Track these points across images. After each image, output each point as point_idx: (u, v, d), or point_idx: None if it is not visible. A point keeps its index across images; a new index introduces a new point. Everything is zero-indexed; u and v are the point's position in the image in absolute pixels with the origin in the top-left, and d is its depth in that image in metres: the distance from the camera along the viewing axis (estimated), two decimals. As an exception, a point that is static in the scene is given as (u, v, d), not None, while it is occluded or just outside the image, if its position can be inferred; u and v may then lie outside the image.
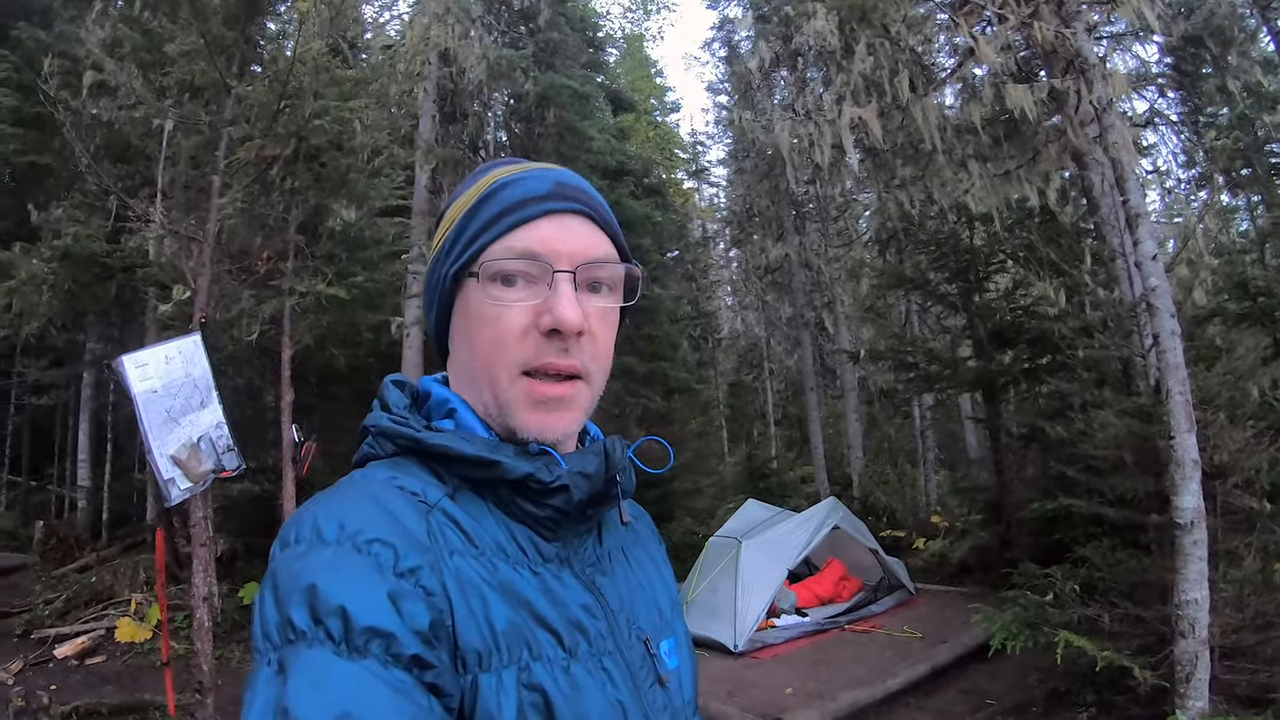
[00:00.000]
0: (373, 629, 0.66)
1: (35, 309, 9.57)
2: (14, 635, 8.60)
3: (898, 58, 7.51)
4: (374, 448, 0.88)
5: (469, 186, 0.92)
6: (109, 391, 13.60)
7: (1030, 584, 6.55)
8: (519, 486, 0.82)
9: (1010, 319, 10.04)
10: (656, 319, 15.74)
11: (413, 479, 0.81)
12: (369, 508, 0.75)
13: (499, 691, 0.72)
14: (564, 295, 0.84)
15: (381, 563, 0.70)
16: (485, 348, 0.85)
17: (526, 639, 0.76)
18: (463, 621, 0.73)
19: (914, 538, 12.13)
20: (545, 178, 0.89)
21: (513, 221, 0.85)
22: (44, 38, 10.58)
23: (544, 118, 14.39)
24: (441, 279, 0.89)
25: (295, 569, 0.70)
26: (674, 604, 1.02)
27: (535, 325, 0.84)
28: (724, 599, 8.47)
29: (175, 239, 8.51)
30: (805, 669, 7.65)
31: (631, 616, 0.90)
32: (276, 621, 0.68)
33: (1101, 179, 6.39)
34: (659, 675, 0.89)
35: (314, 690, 0.63)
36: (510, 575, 0.79)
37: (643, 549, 1.03)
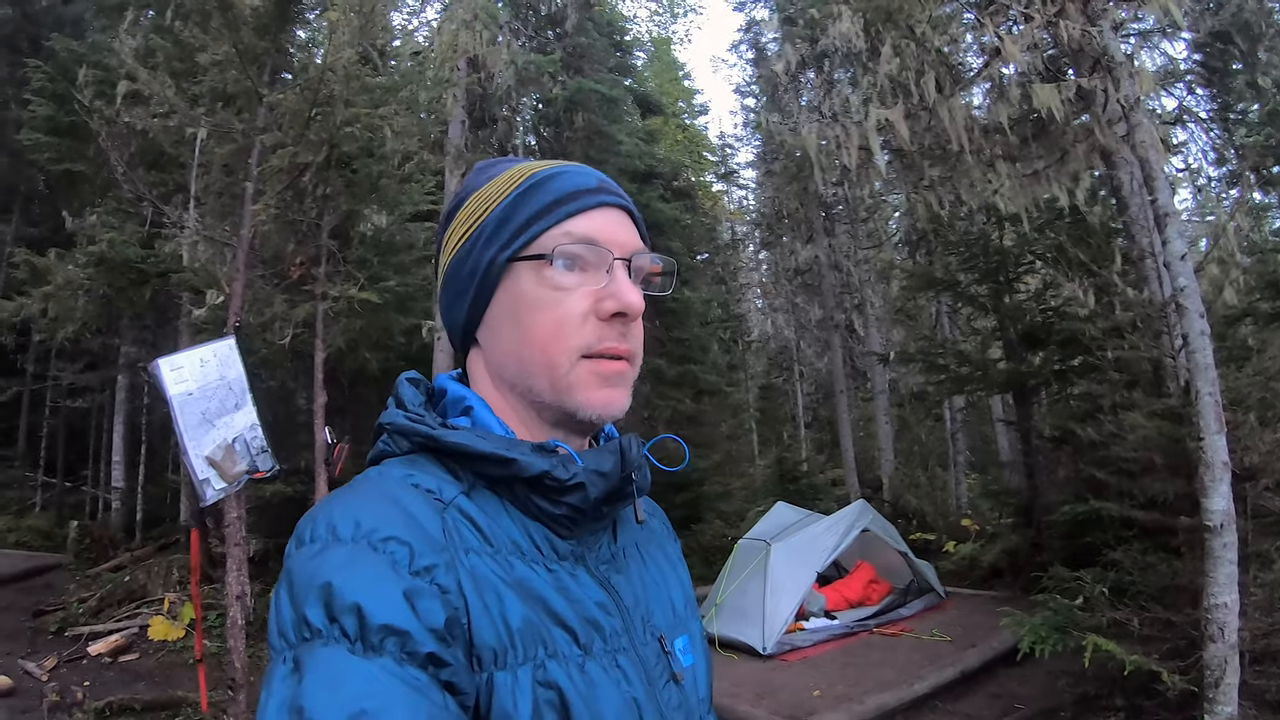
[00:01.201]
0: (388, 627, 0.66)
1: (71, 314, 9.76)
2: (48, 633, 8.78)
3: (924, 59, 7.49)
4: (389, 445, 0.88)
5: (491, 178, 0.93)
6: (143, 394, 13.83)
7: (1060, 588, 6.48)
8: (535, 484, 0.82)
9: (1041, 320, 9.93)
10: (686, 322, 15.77)
11: (428, 476, 0.81)
12: (384, 506, 0.75)
13: (514, 689, 0.72)
14: (626, 281, 0.86)
15: (397, 561, 0.70)
16: (544, 332, 0.85)
17: (542, 636, 0.76)
18: (478, 619, 0.73)
19: (944, 541, 12.03)
20: (589, 173, 0.91)
21: (570, 210, 0.87)
22: (77, 48, 10.80)
23: (573, 122, 14.49)
24: (485, 264, 0.88)
25: (310, 567, 0.70)
26: (689, 601, 1.02)
27: (594, 310, 0.85)
28: (753, 601, 8.45)
29: (209, 244, 8.68)
30: (833, 672, 7.61)
31: (646, 614, 0.90)
32: (292, 620, 0.69)
33: (1130, 178, 6.32)
34: (674, 673, 0.89)
35: (329, 688, 0.63)
36: (526, 573, 0.79)
37: (658, 546, 1.03)
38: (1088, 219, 7.44)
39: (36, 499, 15.15)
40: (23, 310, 9.80)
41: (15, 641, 8.50)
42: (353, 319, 9.11)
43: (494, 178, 0.92)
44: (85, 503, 14.90)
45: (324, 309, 8.71)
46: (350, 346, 9.59)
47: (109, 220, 10.49)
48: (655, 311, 15.49)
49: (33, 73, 11.22)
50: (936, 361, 11.72)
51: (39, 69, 11.05)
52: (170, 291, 10.82)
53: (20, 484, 15.22)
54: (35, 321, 10.03)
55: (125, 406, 13.72)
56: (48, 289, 9.57)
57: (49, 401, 14.94)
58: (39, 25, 14.54)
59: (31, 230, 14.79)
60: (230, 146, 8.52)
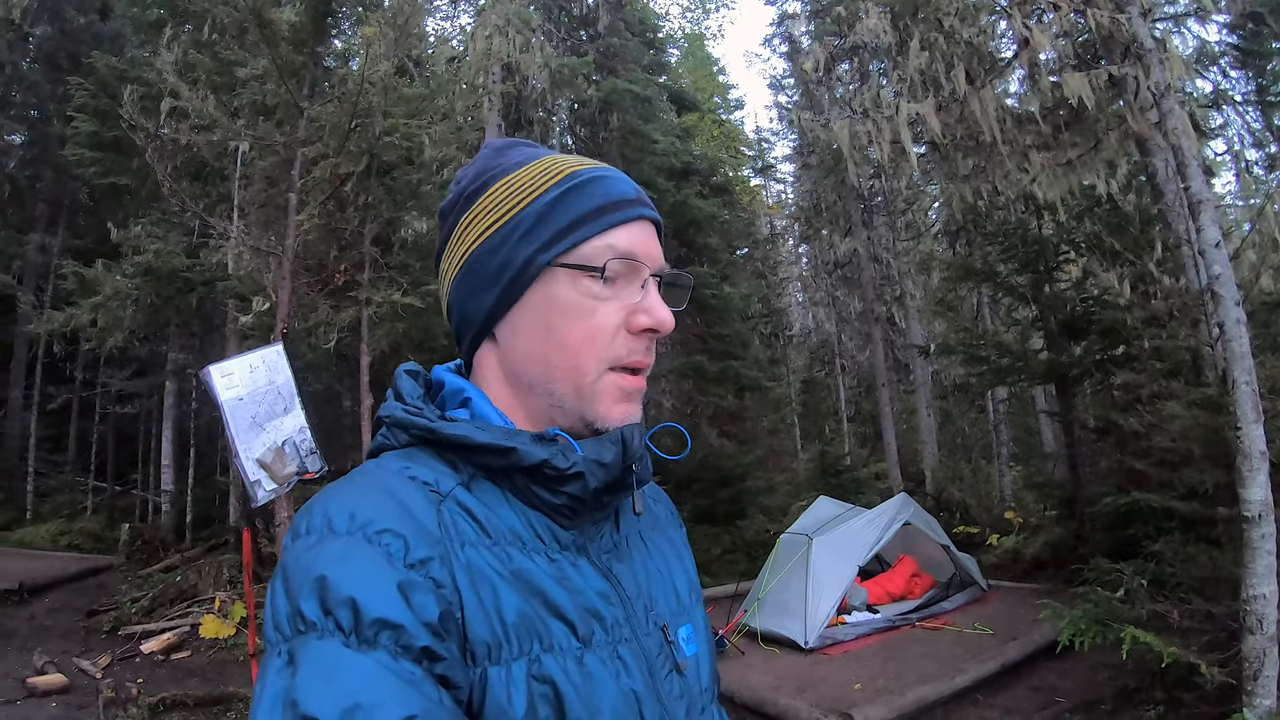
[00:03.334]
0: (383, 620, 0.66)
1: (120, 323, 10.03)
2: (102, 632, 8.97)
3: (953, 51, 7.46)
4: (388, 438, 0.87)
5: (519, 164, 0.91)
6: (191, 399, 14.19)
7: (1101, 580, 6.42)
8: (534, 473, 0.81)
9: (1081, 309, 9.79)
10: (726, 317, 15.75)
11: (426, 469, 0.81)
12: (380, 498, 0.75)
13: (509, 684, 0.72)
14: (657, 297, 0.87)
15: (392, 553, 0.70)
16: (577, 340, 0.85)
17: (537, 630, 0.76)
18: (472, 614, 0.73)
19: (987, 534, 11.91)
20: (627, 181, 0.91)
21: (614, 220, 0.86)
22: (116, 64, 11.08)
23: (608, 122, 14.55)
24: (521, 263, 0.86)
25: (306, 560, 0.70)
26: (693, 590, 1.01)
27: (625, 324, 0.85)
28: (795, 596, 8.43)
29: (254, 253, 8.90)
30: (875, 665, 7.58)
31: (649, 603, 0.90)
32: (287, 612, 0.68)
33: (1165, 165, 6.24)
34: (676, 662, 0.89)
35: (324, 681, 0.64)
36: (525, 564, 0.79)
37: (662, 534, 1.03)
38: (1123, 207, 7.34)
39: (87, 503, 15.64)
40: (72, 320, 10.07)
41: (69, 640, 8.73)
42: (396, 323, 9.27)
43: (522, 165, 0.91)
44: (135, 506, 15.32)
45: (368, 314, 8.87)
46: (394, 349, 9.76)
47: (153, 231, 10.76)
48: (696, 308, 15.53)
49: (75, 90, 11.53)
50: (977, 353, 11.61)
51: (81, 86, 11.35)
52: (216, 299, 11.09)
53: (71, 489, 15.75)
54: (84, 331, 10.27)
55: (173, 411, 14.06)
56: (97, 299, 9.85)
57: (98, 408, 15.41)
58: (78, 42, 14.96)
59: (77, 242, 15.32)
60: (273, 159, 8.74)
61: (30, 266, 15.48)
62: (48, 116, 15.33)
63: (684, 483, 14.39)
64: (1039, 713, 6.43)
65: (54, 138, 14.56)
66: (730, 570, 11.92)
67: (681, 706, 0.87)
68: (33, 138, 15.75)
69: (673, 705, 0.85)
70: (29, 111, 15.91)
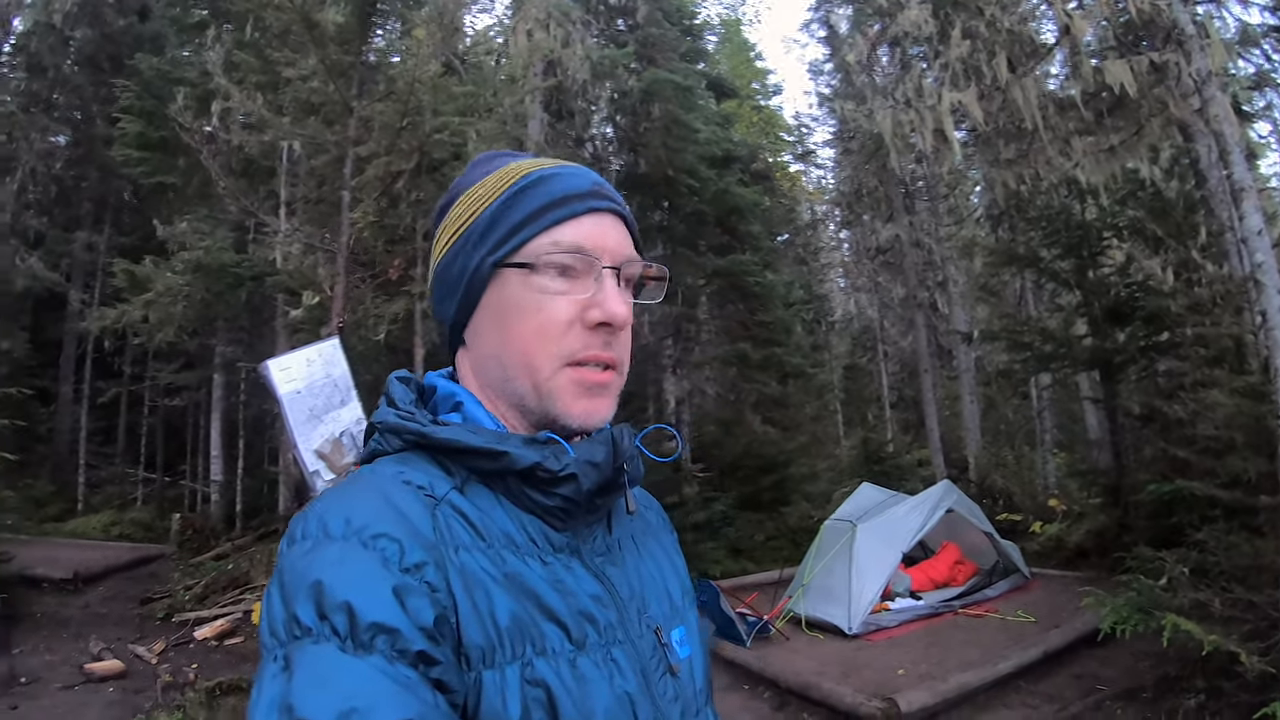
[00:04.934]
0: (378, 625, 0.67)
1: (171, 318, 10.18)
2: (156, 619, 9.20)
3: (994, 39, 7.43)
4: (381, 443, 0.88)
5: (481, 176, 0.93)
6: (239, 392, 14.42)
7: (1144, 568, 6.41)
8: (527, 476, 0.82)
9: (1125, 295, 9.66)
10: (769, 304, 15.69)
11: (420, 473, 0.81)
12: (375, 503, 0.75)
13: (503, 687, 0.73)
14: (613, 291, 0.87)
15: (387, 558, 0.71)
16: (527, 338, 0.86)
17: (531, 633, 0.76)
18: (466, 618, 0.73)
19: (1031, 521, 11.83)
20: (584, 175, 0.91)
21: (559, 216, 0.87)
22: (160, 65, 11.29)
23: (649, 112, 14.55)
24: (473, 268, 0.88)
25: (301, 565, 0.71)
26: (685, 592, 1.02)
27: (580, 319, 0.86)
28: (839, 582, 8.49)
29: (305, 249, 9.10)
30: (918, 651, 7.61)
31: (642, 606, 0.90)
32: (283, 618, 0.69)
33: (1208, 150, 6.20)
34: (670, 665, 0.89)
35: (319, 686, 0.64)
36: (518, 567, 0.79)
37: (654, 538, 1.03)
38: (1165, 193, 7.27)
39: (137, 494, 16.02)
40: (124, 317, 10.25)
41: (124, 627, 8.96)
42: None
43: (486, 176, 0.92)
44: (184, 496, 15.67)
45: (422, 307, 8.99)
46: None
47: (199, 228, 10.95)
48: (739, 296, 15.55)
49: (120, 92, 11.77)
50: (1020, 339, 11.52)
51: (126, 88, 11.60)
52: (264, 294, 11.30)
53: (121, 480, 16.17)
54: (135, 326, 10.44)
55: (222, 404, 14.29)
56: (148, 295, 10.03)
57: (148, 401, 15.74)
58: (118, 45, 15.27)
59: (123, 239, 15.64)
60: (324, 157, 8.89)
61: (78, 264, 15.86)
62: (90, 118, 15.64)
63: (728, 469, 14.46)
64: (1080, 700, 6.44)
65: (97, 138, 14.90)
66: (774, 556, 11.97)
67: (676, 709, 0.87)
68: (76, 138, 16.05)
69: (667, 707, 0.86)
70: (72, 113, 16.22)
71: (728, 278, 15.02)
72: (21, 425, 11.30)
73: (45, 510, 14.05)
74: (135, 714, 6.55)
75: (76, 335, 15.95)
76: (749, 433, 15.49)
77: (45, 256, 14.63)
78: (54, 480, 15.35)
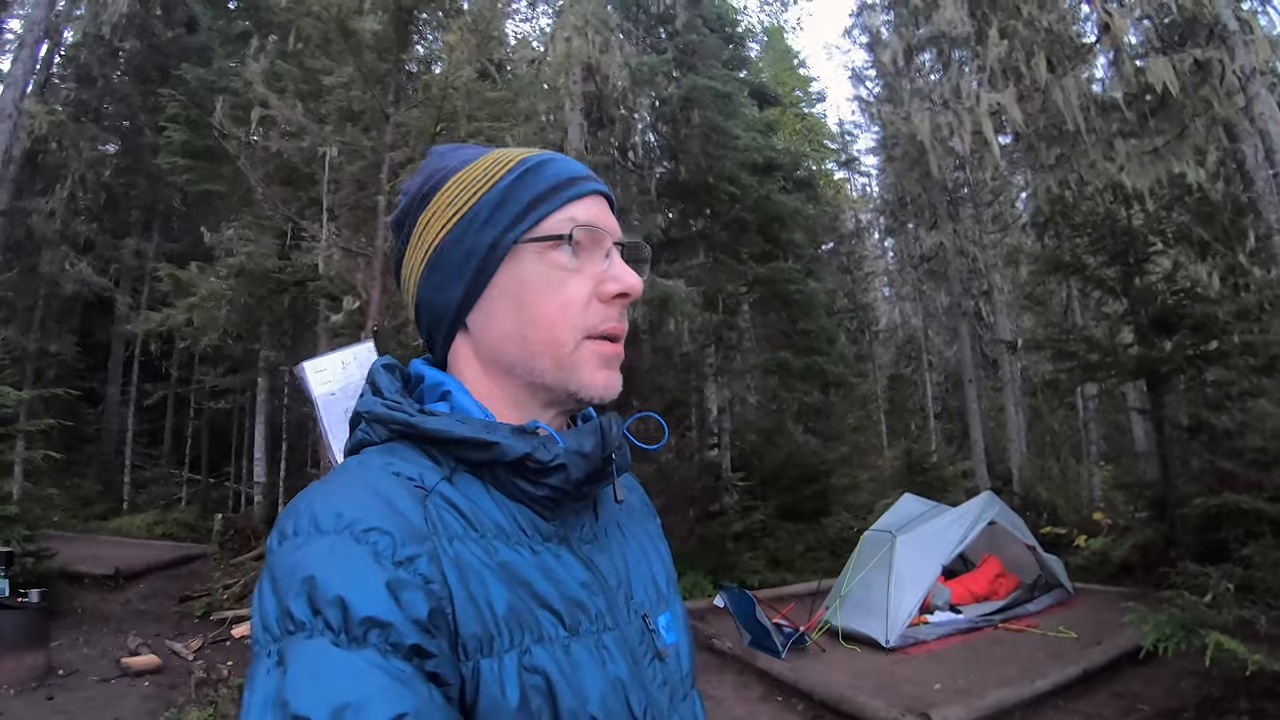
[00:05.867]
0: (371, 619, 0.67)
1: (215, 322, 10.34)
2: (194, 616, 9.37)
3: (1033, 39, 7.28)
4: (368, 434, 0.87)
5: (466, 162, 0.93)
6: (283, 395, 14.70)
7: (1188, 584, 6.19)
8: (516, 466, 0.82)
9: (1172, 303, 9.36)
10: (811, 313, 15.56)
11: (409, 464, 0.80)
12: (366, 496, 0.75)
13: (501, 676, 0.73)
14: (624, 265, 0.89)
15: (379, 552, 0.70)
16: (551, 314, 0.86)
17: (527, 621, 0.76)
18: (462, 609, 0.73)
19: (1075, 535, 11.53)
20: (574, 161, 0.93)
21: (570, 195, 0.89)
22: (206, 75, 11.50)
23: (689, 119, 14.54)
24: (486, 246, 0.88)
25: (293, 560, 0.70)
26: (670, 579, 1.02)
27: (595, 293, 0.87)
28: (877, 594, 8.36)
29: (345, 255, 9.22)
30: (956, 666, 7.44)
31: (629, 592, 0.91)
32: (275, 613, 0.69)
33: (1254, 151, 5.98)
34: (658, 650, 0.90)
35: (313, 681, 0.64)
36: (510, 556, 0.79)
37: (638, 524, 1.03)
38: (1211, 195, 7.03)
39: (182, 494, 16.39)
40: (169, 320, 10.44)
41: (163, 624, 9.16)
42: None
43: (469, 162, 0.93)
44: (228, 497, 15.99)
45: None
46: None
47: (245, 234, 11.15)
48: (780, 304, 15.42)
49: (167, 101, 12.04)
50: (1066, 348, 11.24)
51: (173, 98, 11.84)
52: (307, 299, 11.45)
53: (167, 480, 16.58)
54: (180, 330, 10.62)
55: (265, 407, 14.51)
56: (192, 300, 10.19)
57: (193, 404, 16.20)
58: (166, 55, 15.70)
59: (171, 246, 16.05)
60: (361, 163, 9.01)
61: (126, 270, 16.24)
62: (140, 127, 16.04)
63: (769, 479, 14.34)
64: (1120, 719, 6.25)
65: (146, 147, 15.25)
66: (813, 567, 11.84)
67: (664, 693, 0.88)
68: (126, 147, 16.45)
69: (656, 692, 0.86)
70: (121, 122, 16.67)
71: (769, 286, 14.90)
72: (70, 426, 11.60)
73: (91, 509, 14.39)
74: (168, 708, 6.61)
75: (124, 339, 16.37)
76: (790, 442, 15.33)
77: (94, 262, 14.98)
78: (100, 480, 15.74)
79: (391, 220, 0.98)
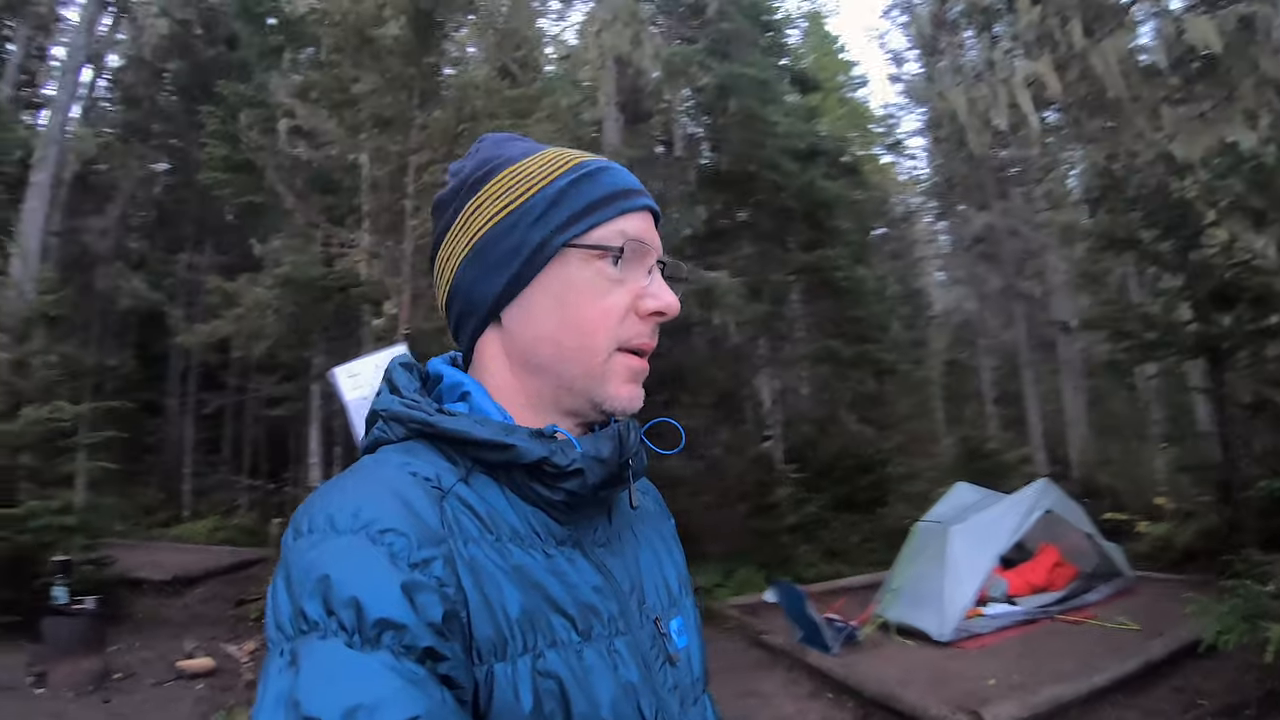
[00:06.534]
0: (386, 620, 0.66)
1: (261, 331, 10.58)
2: (250, 620, 9.47)
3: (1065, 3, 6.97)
4: (385, 432, 0.87)
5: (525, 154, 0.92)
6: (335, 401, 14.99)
7: (1252, 572, 5.88)
8: (533, 470, 0.81)
9: (1230, 276, 8.92)
10: (861, 300, 15.30)
11: (426, 464, 0.80)
12: (383, 496, 0.75)
13: (515, 680, 0.72)
14: (664, 283, 0.90)
15: (395, 553, 0.70)
16: (592, 321, 0.86)
17: (540, 625, 0.76)
18: (477, 612, 0.73)
19: (1137, 521, 11.09)
20: (629, 173, 0.93)
21: (625, 207, 0.89)
22: (243, 90, 11.70)
23: (725, 108, 14.39)
24: (535, 244, 0.87)
25: (308, 559, 0.70)
26: (683, 582, 1.02)
27: (633, 307, 0.87)
28: (931, 587, 8.11)
29: (379, 259, 9.31)
30: (1010, 660, 7.17)
31: (641, 596, 0.90)
32: (289, 612, 0.68)
33: (1308, 112, 5.63)
34: (669, 654, 0.90)
35: (326, 682, 0.64)
36: (524, 559, 0.79)
37: (652, 527, 1.02)
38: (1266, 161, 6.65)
39: (241, 500, 16.74)
40: (216, 332, 10.73)
41: (218, 627, 9.32)
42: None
43: (528, 154, 0.92)
44: (286, 503, 16.12)
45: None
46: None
47: (291, 243, 11.32)
48: (829, 292, 15.17)
49: (207, 118, 12.32)
50: (1122, 327, 10.82)
51: (212, 113, 12.10)
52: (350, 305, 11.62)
53: (227, 487, 16.97)
54: (233, 340, 10.92)
55: (320, 413, 14.73)
56: (238, 310, 10.41)
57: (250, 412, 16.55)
58: (208, 73, 15.94)
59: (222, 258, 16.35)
60: (388, 167, 9.11)
61: (181, 284, 16.66)
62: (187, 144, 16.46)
63: (823, 470, 14.16)
64: (1179, 716, 5.96)
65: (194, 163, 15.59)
66: (868, 559, 11.67)
67: (675, 698, 0.88)
68: (175, 164, 16.99)
69: (667, 697, 0.86)
70: (169, 140, 17.13)
71: (815, 274, 14.70)
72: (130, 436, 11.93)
73: (153, 516, 14.89)
74: (218, 710, 6.70)
75: (182, 351, 16.72)
76: (845, 432, 15.11)
77: (149, 277, 15.46)
78: (162, 488, 16.24)
79: (436, 200, 0.96)
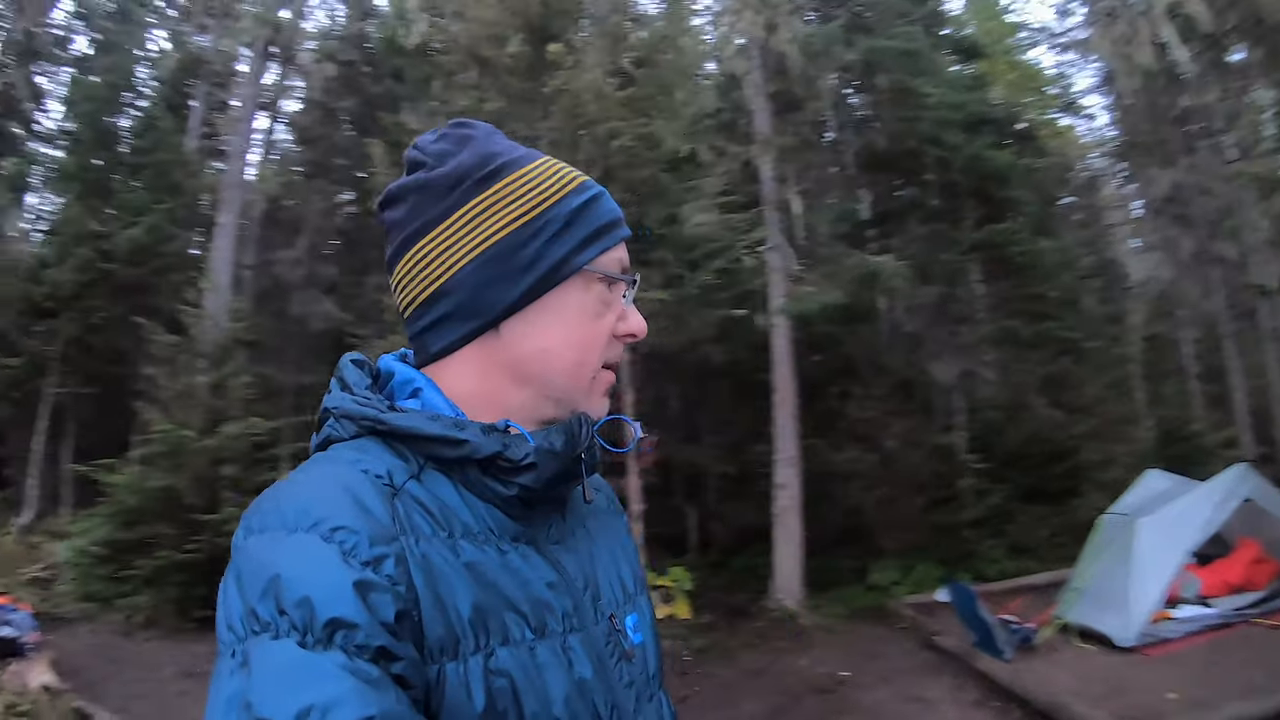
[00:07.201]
0: (338, 620, 0.66)
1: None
2: None
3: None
4: (336, 429, 0.86)
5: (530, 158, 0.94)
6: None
7: None
8: (487, 465, 0.82)
9: None
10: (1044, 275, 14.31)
11: (378, 461, 0.80)
12: (334, 494, 0.74)
13: (467, 679, 0.73)
14: (635, 310, 0.95)
15: (347, 551, 0.70)
16: (590, 341, 0.91)
17: (493, 623, 0.77)
18: (428, 611, 0.72)
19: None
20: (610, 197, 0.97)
21: (619, 236, 0.94)
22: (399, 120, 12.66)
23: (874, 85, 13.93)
24: (557, 261, 0.88)
25: (259, 558, 0.70)
26: (638, 579, 1.03)
27: (613, 330, 0.93)
28: (1115, 585, 7.50)
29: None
30: (1198, 670, 6.53)
31: (596, 592, 0.91)
32: (240, 612, 0.68)
33: None
34: (625, 650, 0.91)
35: (279, 683, 0.63)
36: (477, 556, 0.79)
37: (605, 524, 1.03)
38: None
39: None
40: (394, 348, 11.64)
41: None
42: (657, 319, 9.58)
43: (531, 158, 0.94)
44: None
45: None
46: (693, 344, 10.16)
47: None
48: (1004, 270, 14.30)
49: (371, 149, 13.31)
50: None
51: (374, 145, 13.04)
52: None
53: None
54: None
55: None
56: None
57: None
58: (377, 108, 17.07)
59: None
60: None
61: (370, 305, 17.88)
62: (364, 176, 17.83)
63: (1010, 459, 13.30)
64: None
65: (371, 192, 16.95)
66: (1057, 554, 10.76)
67: (631, 694, 0.88)
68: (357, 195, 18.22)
69: (622, 693, 0.87)
70: (352, 173, 18.23)
71: (989, 250, 13.85)
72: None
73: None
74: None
75: (368, 370, 18.23)
76: (1034, 417, 14.12)
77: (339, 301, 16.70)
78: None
79: (417, 179, 0.93)
